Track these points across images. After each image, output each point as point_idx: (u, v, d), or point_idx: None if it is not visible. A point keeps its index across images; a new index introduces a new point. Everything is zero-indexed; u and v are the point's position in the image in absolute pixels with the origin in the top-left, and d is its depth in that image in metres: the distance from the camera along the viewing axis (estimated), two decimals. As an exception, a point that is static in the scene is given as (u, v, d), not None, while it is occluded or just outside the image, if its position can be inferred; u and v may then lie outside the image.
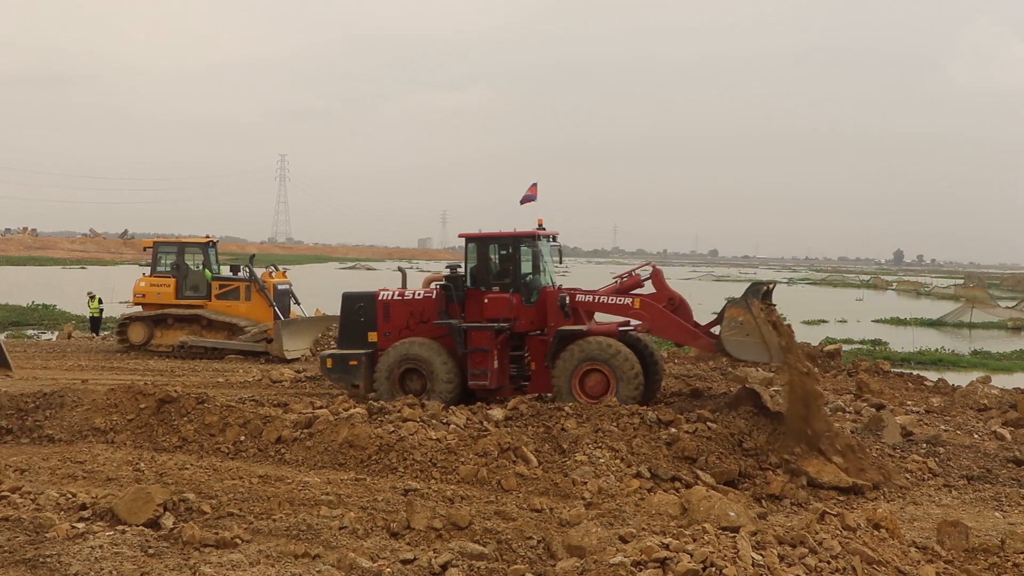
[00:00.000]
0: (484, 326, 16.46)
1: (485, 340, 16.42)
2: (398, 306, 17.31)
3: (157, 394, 13.86)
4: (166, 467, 11.92)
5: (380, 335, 17.21)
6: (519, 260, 16.87)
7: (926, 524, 10.93)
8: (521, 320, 16.68)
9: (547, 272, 17.38)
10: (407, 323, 17.17)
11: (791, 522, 9.45)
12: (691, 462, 12.53)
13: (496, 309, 16.54)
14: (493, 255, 17.07)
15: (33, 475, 11.52)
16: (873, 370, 23.69)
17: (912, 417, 17.46)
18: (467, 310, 16.83)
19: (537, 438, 12.96)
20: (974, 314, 50.98)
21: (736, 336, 15.07)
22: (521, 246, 16.86)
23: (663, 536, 7.77)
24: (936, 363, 31.84)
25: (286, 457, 12.54)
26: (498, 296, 16.62)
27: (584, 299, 16.68)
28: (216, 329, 26.36)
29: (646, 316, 16.20)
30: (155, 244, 28.36)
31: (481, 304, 16.69)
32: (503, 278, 16.87)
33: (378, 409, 13.59)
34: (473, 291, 16.89)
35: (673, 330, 16.19)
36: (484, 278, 16.95)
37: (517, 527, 9.33)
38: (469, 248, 17.17)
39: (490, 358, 16.40)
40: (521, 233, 16.96)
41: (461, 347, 16.49)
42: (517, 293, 16.69)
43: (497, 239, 17.07)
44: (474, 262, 17.12)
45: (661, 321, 16.10)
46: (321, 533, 9.06)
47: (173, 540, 8.64)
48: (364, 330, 17.38)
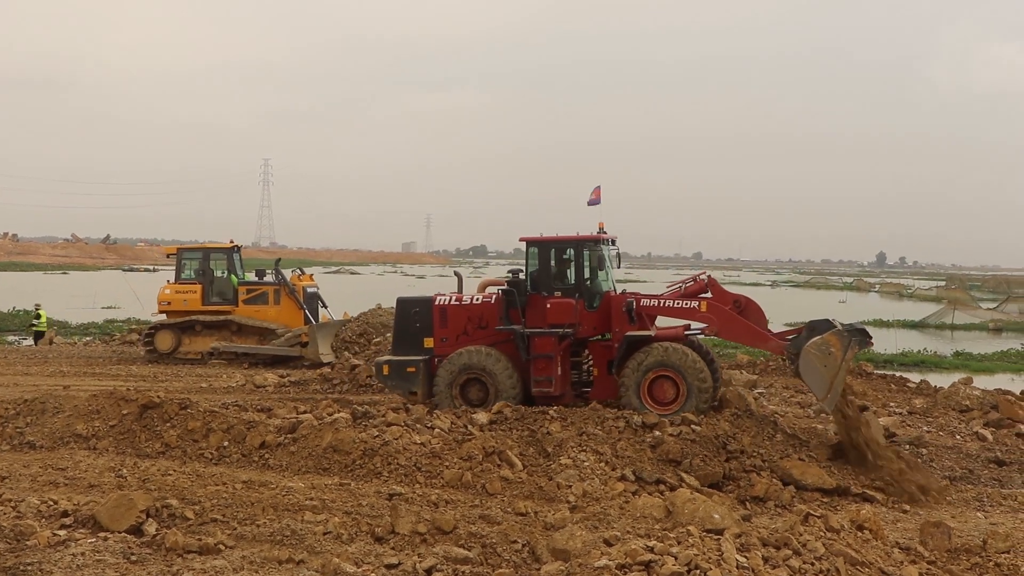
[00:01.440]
0: (548, 332, 16.03)
1: (549, 346, 16.00)
2: (456, 311, 16.86)
3: (140, 400, 13.79)
4: (149, 473, 11.86)
5: (437, 340, 16.75)
6: (582, 264, 16.58)
7: (909, 525, 10.98)
8: (584, 325, 16.30)
9: (609, 277, 17.05)
10: (465, 328, 16.73)
11: (775, 524, 9.47)
12: (675, 465, 12.56)
13: (559, 314, 16.12)
14: (555, 259, 16.69)
15: (14, 482, 11.43)
16: (856, 372, 23.78)
17: (895, 418, 17.53)
18: (528, 316, 16.38)
19: (522, 442, 12.96)
20: (956, 316, 51.24)
21: (818, 361, 14.49)
22: (584, 250, 16.56)
23: (648, 539, 7.77)
24: (918, 364, 31.99)
25: (270, 462, 12.49)
26: (561, 301, 16.21)
27: (649, 303, 16.34)
28: (246, 334, 26.13)
29: (714, 319, 15.87)
30: (179, 251, 27.99)
31: (543, 309, 16.23)
32: (565, 282, 16.59)
33: (362, 414, 13.57)
34: (535, 296, 16.46)
35: (742, 332, 15.97)
36: (546, 283, 16.53)
37: (502, 531, 9.33)
38: (531, 252, 16.73)
39: (554, 364, 15.98)
40: (584, 237, 16.60)
41: (524, 353, 16.11)
42: (580, 298, 16.34)
43: (559, 243, 16.69)
44: (535, 266, 16.66)
45: (729, 323, 15.82)
46: (305, 538, 9.03)
47: (156, 547, 8.61)
48: (420, 336, 16.93)
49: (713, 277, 16.77)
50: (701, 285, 16.62)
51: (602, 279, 16.78)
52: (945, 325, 50.21)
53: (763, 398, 19.63)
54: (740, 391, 16.77)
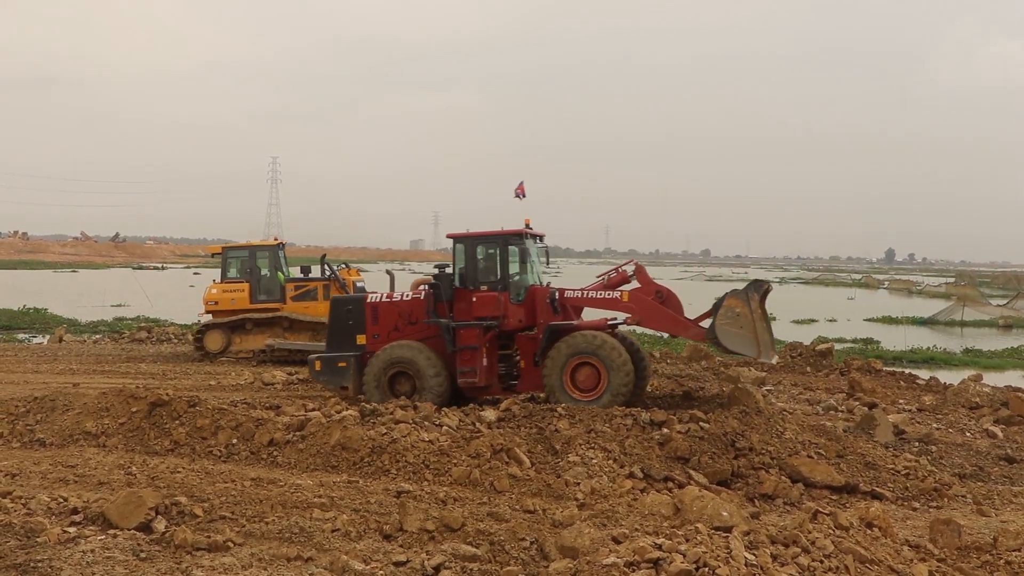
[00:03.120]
0: (473, 324, 16.53)
1: (474, 338, 16.48)
2: (386, 308, 17.33)
3: (149, 397, 13.82)
4: (158, 471, 11.88)
5: (369, 337, 17.23)
6: (507, 259, 16.93)
7: (919, 523, 10.94)
8: (510, 318, 16.73)
9: (535, 271, 17.54)
10: (396, 325, 17.20)
11: (784, 521, 9.44)
12: (684, 462, 12.54)
13: (485, 307, 16.61)
14: (481, 254, 17.14)
15: (24, 479, 11.47)
16: (865, 369, 23.77)
17: (904, 416, 17.51)
18: (456, 309, 16.86)
19: (530, 439, 12.96)
20: (965, 312, 51.12)
21: (731, 327, 15.28)
22: (508, 245, 16.97)
23: (656, 536, 7.76)
24: (928, 361, 31.90)
25: (278, 460, 12.51)
26: (486, 294, 16.68)
27: (572, 295, 16.89)
28: (297, 331, 25.95)
29: (635, 308, 16.36)
30: (224, 250, 27.82)
31: (470, 303, 16.76)
32: (491, 277, 16.93)
33: (371, 411, 13.58)
34: (461, 290, 16.93)
35: (663, 321, 16.43)
36: (472, 277, 17.00)
37: (510, 528, 9.32)
38: (457, 248, 17.25)
39: (479, 356, 16.46)
40: (508, 232, 17.06)
41: (450, 345, 16.54)
42: (505, 291, 16.74)
43: (484, 239, 17.13)
44: (462, 262, 17.16)
45: (650, 313, 16.31)
46: (314, 536, 9.04)
47: (165, 544, 8.62)
48: (353, 333, 17.43)
49: (641, 266, 17.28)
50: (625, 276, 17.22)
51: (527, 273, 17.34)
52: (955, 322, 50.09)
53: (772, 395, 19.62)
54: (749, 388, 16.76)
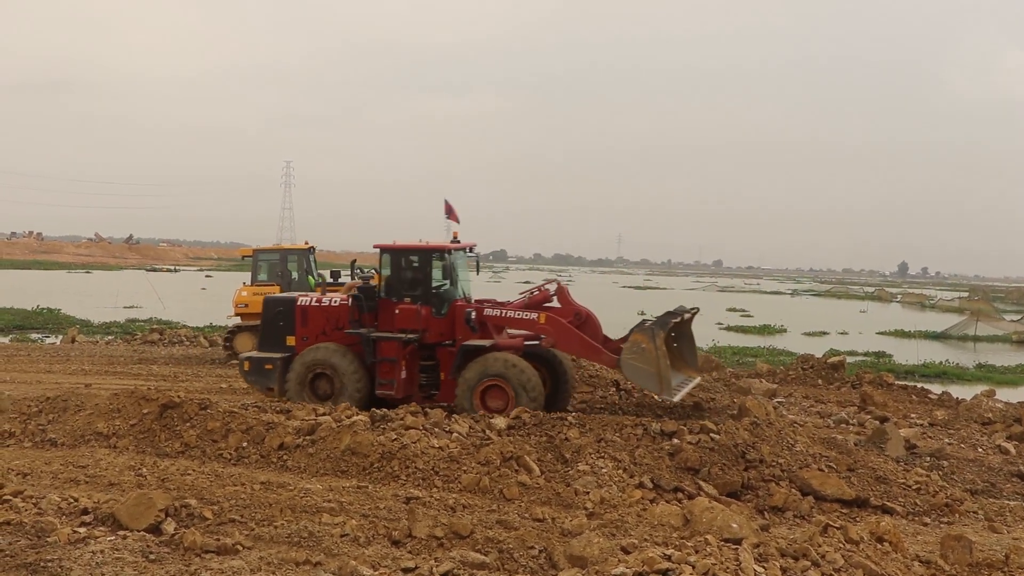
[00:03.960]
0: (393, 336, 16.66)
1: (393, 351, 16.61)
2: (316, 312, 17.47)
3: (160, 399, 13.85)
4: (168, 472, 11.91)
5: (298, 340, 17.39)
6: (430, 272, 17.09)
7: (930, 538, 10.89)
8: (431, 331, 16.88)
9: (460, 285, 17.64)
10: (324, 328, 17.34)
11: (794, 534, 9.41)
12: (694, 473, 12.51)
13: (406, 320, 16.75)
14: (406, 267, 17.29)
15: (35, 479, 11.51)
16: (877, 382, 23.68)
17: (916, 430, 17.45)
18: (380, 320, 17.03)
19: (540, 447, 12.94)
20: (979, 327, 50.94)
21: (635, 361, 15.44)
22: (433, 258, 17.15)
23: (665, 547, 7.75)
24: (940, 376, 31.80)
25: (288, 464, 12.53)
26: (408, 307, 16.82)
27: (493, 313, 16.95)
28: None
29: (551, 331, 16.51)
30: (255, 252, 27.75)
31: (392, 314, 16.89)
32: (415, 289, 17.09)
33: (381, 417, 13.58)
34: (385, 301, 17.09)
35: (576, 345, 16.48)
36: (397, 289, 17.14)
37: (519, 536, 9.31)
38: (383, 259, 17.36)
39: (397, 368, 16.59)
40: (433, 246, 17.28)
41: (370, 356, 16.67)
42: (428, 305, 16.91)
43: (410, 251, 17.31)
44: (388, 273, 17.29)
45: (565, 336, 16.42)
46: (323, 540, 9.05)
47: (174, 546, 8.64)
48: (284, 334, 17.60)
49: (564, 285, 17.49)
50: (546, 294, 17.31)
51: (452, 287, 17.35)
52: (968, 337, 49.92)
53: (783, 407, 19.56)
54: (760, 400, 16.72)
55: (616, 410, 16.95)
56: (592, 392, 19.28)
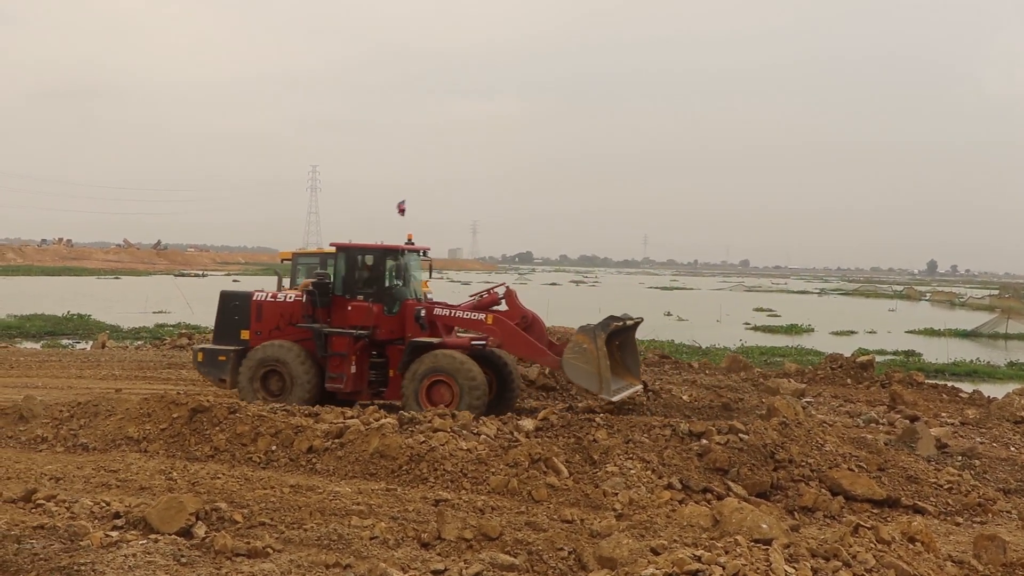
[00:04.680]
0: (344, 332, 17.17)
1: (344, 346, 17.13)
2: (271, 307, 17.96)
3: (190, 403, 13.94)
4: (198, 476, 11.98)
5: (252, 334, 17.87)
6: (384, 272, 17.71)
7: (962, 538, 10.80)
8: (382, 329, 17.39)
9: (412, 285, 18.29)
10: (277, 324, 17.81)
11: (824, 535, 9.35)
12: (723, 474, 12.46)
13: (358, 317, 17.27)
14: (360, 265, 17.86)
15: (68, 483, 11.61)
16: (907, 381, 23.51)
17: (947, 429, 17.31)
18: (333, 316, 17.51)
19: (568, 449, 12.93)
20: (1010, 325, 50.53)
21: (576, 361, 15.95)
22: (387, 259, 17.76)
23: (695, 548, 7.72)
24: (971, 375, 31.53)
25: (317, 467, 12.57)
26: (361, 305, 17.35)
27: (442, 313, 17.57)
28: None
29: (497, 332, 17.10)
30: (294, 256, 27.61)
31: (345, 311, 17.39)
32: (368, 287, 17.65)
33: (409, 419, 13.61)
34: (339, 298, 17.60)
35: (522, 346, 17.00)
36: (350, 286, 17.70)
37: (548, 538, 9.30)
38: (339, 257, 17.97)
39: (347, 363, 17.11)
40: (387, 246, 17.88)
41: (321, 351, 17.18)
42: (380, 303, 17.45)
43: (365, 250, 17.92)
44: (343, 271, 17.85)
45: (510, 337, 16.98)
46: (352, 543, 9.07)
47: (205, 549, 8.68)
48: (238, 328, 18.06)
49: (512, 289, 18.00)
50: (495, 297, 17.87)
51: (405, 287, 18.02)
52: (998, 335, 49.50)
53: (811, 407, 19.45)
54: (788, 400, 16.64)
55: (644, 411, 16.91)
56: (619, 393, 19.22)
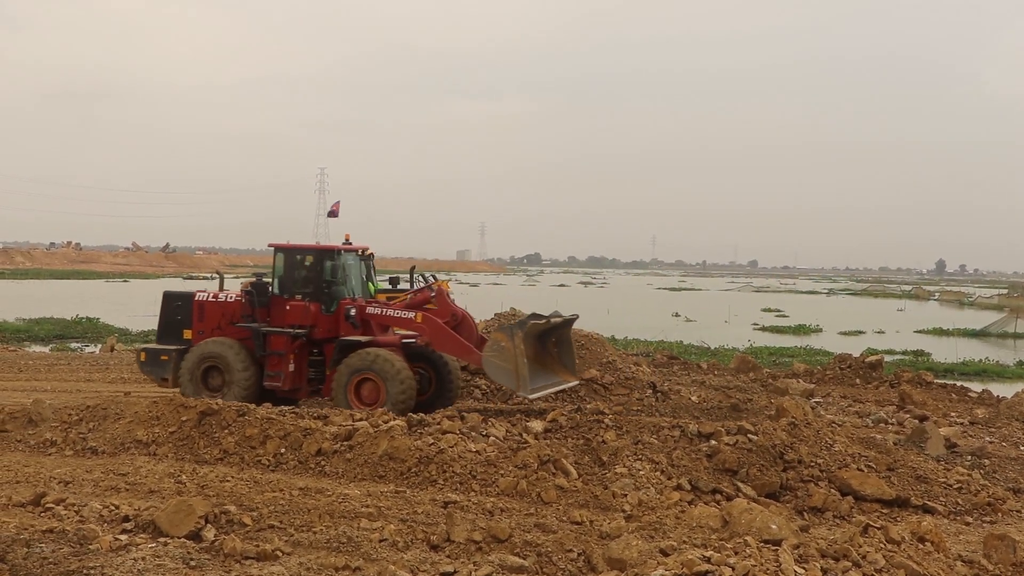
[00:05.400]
0: (282, 331, 17.54)
1: (282, 344, 17.52)
2: (212, 307, 18.31)
3: (198, 407, 13.96)
4: (207, 479, 11.99)
5: (194, 333, 18.23)
6: (321, 271, 17.90)
7: (972, 538, 10.77)
8: (319, 328, 17.75)
9: (350, 285, 18.50)
10: (219, 323, 18.15)
11: (834, 535, 9.32)
12: (732, 474, 12.44)
13: (296, 316, 17.62)
14: (298, 266, 18.15)
15: (77, 487, 11.64)
16: (916, 381, 23.47)
17: (956, 428, 17.27)
18: (272, 315, 17.84)
19: (577, 450, 12.92)
20: (1019, 324, 50.40)
21: (495, 359, 16.27)
22: (324, 259, 17.98)
23: (704, 549, 7.71)
24: (980, 374, 31.46)
25: (326, 469, 12.58)
26: (299, 304, 17.70)
27: (374, 311, 17.95)
28: None
29: (426, 330, 17.47)
30: None
31: (284, 310, 17.74)
32: (306, 287, 17.94)
33: (417, 421, 13.61)
34: (278, 298, 17.96)
35: (449, 344, 17.37)
36: (288, 286, 18.03)
37: (557, 540, 9.29)
38: (277, 257, 18.28)
39: (285, 362, 17.48)
40: (324, 247, 18.39)
41: (259, 349, 17.55)
42: (317, 302, 17.77)
43: (303, 251, 18.33)
44: (281, 271, 18.19)
45: (439, 335, 17.37)
46: (361, 545, 9.07)
47: (214, 552, 8.69)
48: (181, 327, 18.41)
49: (443, 289, 18.51)
50: (427, 296, 18.22)
51: (342, 287, 18.23)
52: (1007, 334, 49.40)
53: (820, 407, 19.42)
54: (797, 400, 16.61)
55: (653, 412, 16.90)
56: (628, 394, 19.24)
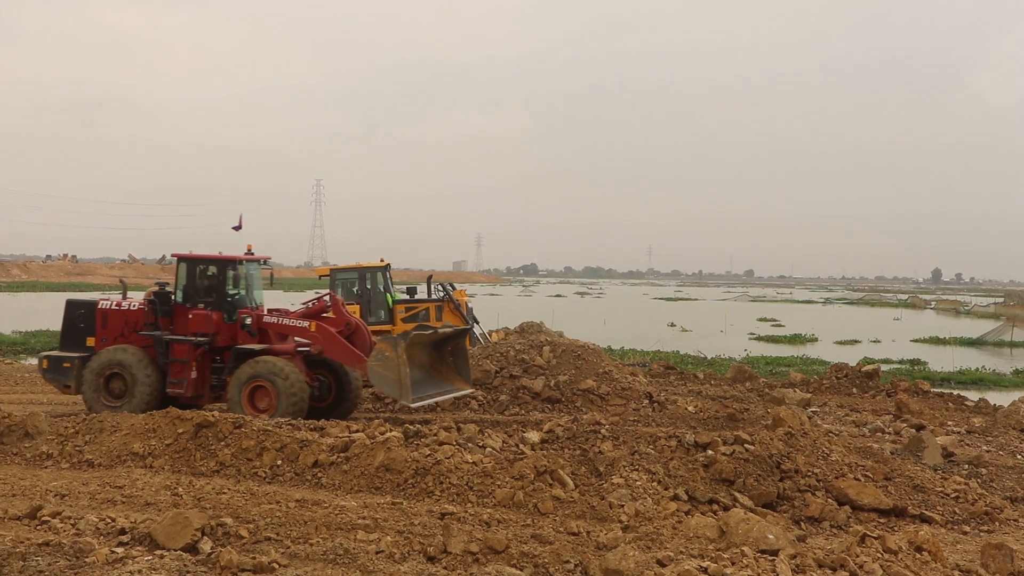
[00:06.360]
0: (184, 339, 18.05)
1: (184, 352, 18.01)
2: (115, 315, 18.69)
3: (195, 419, 13.94)
4: (204, 492, 11.97)
5: (97, 341, 18.57)
6: (224, 281, 18.52)
7: (969, 547, 10.77)
8: (221, 336, 18.30)
9: (252, 294, 19.16)
10: (122, 331, 18.52)
11: (831, 545, 9.33)
12: (729, 484, 12.43)
13: (199, 324, 18.16)
14: (201, 275, 18.61)
15: (73, 500, 11.61)
16: (912, 390, 23.49)
17: (953, 437, 17.26)
18: (175, 324, 18.32)
19: (573, 461, 12.91)
20: (1015, 333, 50.42)
21: (379, 368, 16.86)
22: (226, 269, 18.59)
23: (701, 559, 7.72)
24: (977, 383, 31.48)
25: (323, 481, 12.56)
26: (201, 313, 18.24)
27: (271, 320, 18.54)
28: None
29: (319, 338, 18.10)
30: (332, 272, 27.75)
31: (187, 319, 18.25)
32: (208, 296, 18.43)
33: (414, 433, 13.61)
34: (181, 306, 18.43)
35: (341, 352, 18.01)
36: (191, 295, 18.50)
37: (554, 551, 9.29)
38: (180, 267, 18.74)
39: (188, 369, 17.97)
40: (225, 257, 18.72)
41: (162, 357, 18.01)
42: (219, 311, 18.33)
43: (205, 261, 18.69)
44: (184, 280, 18.65)
45: (331, 343, 18.03)
46: (358, 557, 9.06)
47: (211, 565, 8.68)
48: (84, 335, 18.73)
49: (338, 299, 19.12)
50: (323, 305, 18.89)
51: (244, 296, 18.93)
52: (1004, 343, 49.43)
53: (817, 417, 19.43)
54: (794, 410, 16.61)
55: (649, 422, 16.90)
56: (625, 405, 19.24)
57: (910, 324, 69.25)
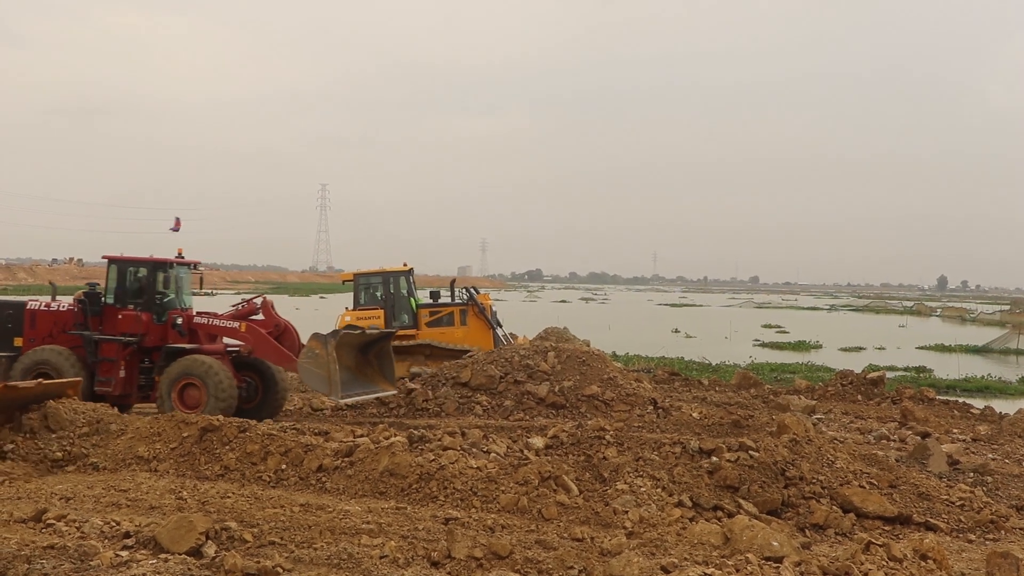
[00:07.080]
0: (113, 339, 18.40)
1: (113, 351, 18.38)
2: (44, 316, 18.95)
3: (200, 423, 13.95)
4: (208, 496, 11.98)
5: (26, 341, 18.82)
6: (153, 283, 18.89)
7: (975, 555, 10.74)
8: (151, 336, 18.70)
9: (181, 296, 19.58)
10: (51, 332, 18.80)
11: (836, 552, 9.31)
12: (733, 491, 12.41)
13: (128, 325, 18.55)
14: (130, 277, 18.99)
15: (78, 503, 11.62)
16: (918, 397, 23.45)
17: (958, 445, 17.23)
18: (105, 324, 18.69)
19: (578, 467, 12.90)
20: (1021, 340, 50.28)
21: (309, 365, 17.43)
22: (156, 271, 18.96)
23: (705, 566, 7.71)
24: (982, 390, 31.42)
25: (327, 486, 12.56)
26: (130, 313, 18.63)
27: (201, 321, 18.97)
28: (437, 358, 24.98)
29: (249, 338, 18.55)
30: (356, 276, 27.73)
31: (116, 320, 18.64)
32: (138, 298, 18.81)
33: (419, 438, 13.61)
34: (111, 307, 18.81)
35: (270, 352, 18.51)
36: (121, 296, 18.87)
37: (558, 557, 9.28)
38: (111, 268, 19.03)
39: (116, 368, 18.35)
40: (157, 259, 19.11)
41: (91, 356, 18.34)
42: (149, 312, 18.70)
43: (136, 263, 19.11)
44: (114, 282, 18.97)
45: (261, 344, 18.51)
46: (362, 562, 9.06)
47: (215, 569, 8.68)
48: (12, 335, 18.99)
49: (269, 300, 19.67)
50: (254, 307, 19.33)
51: (174, 297, 19.33)
52: (1010, 350, 49.32)
53: (822, 424, 19.40)
54: (799, 417, 16.60)
55: (654, 428, 16.89)
56: (630, 411, 19.23)
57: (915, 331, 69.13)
